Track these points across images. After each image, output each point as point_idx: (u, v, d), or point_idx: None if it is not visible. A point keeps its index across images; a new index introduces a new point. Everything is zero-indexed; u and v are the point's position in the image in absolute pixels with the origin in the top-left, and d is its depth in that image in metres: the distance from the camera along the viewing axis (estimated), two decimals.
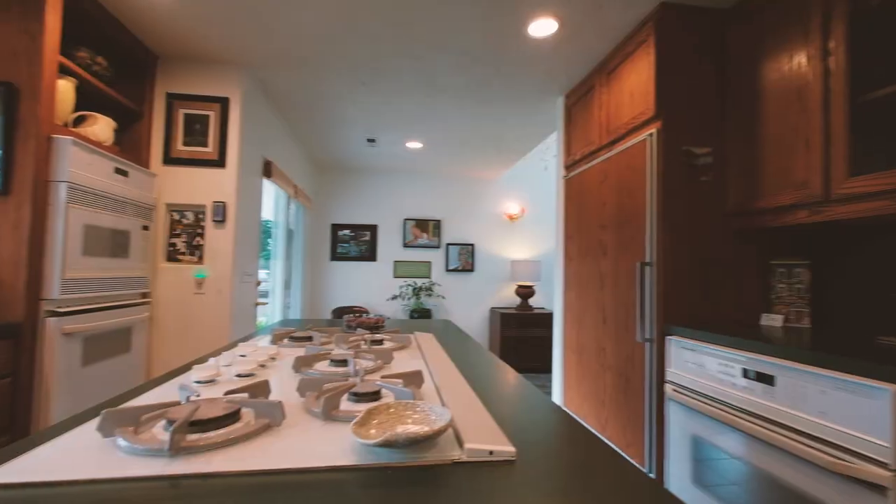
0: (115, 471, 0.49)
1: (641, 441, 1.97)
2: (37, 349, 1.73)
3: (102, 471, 0.49)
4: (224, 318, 2.55)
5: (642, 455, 1.96)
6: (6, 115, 1.68)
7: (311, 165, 4.99)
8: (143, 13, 2.13)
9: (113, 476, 0.48)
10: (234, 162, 2.59)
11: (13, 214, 1.69)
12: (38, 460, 0.51)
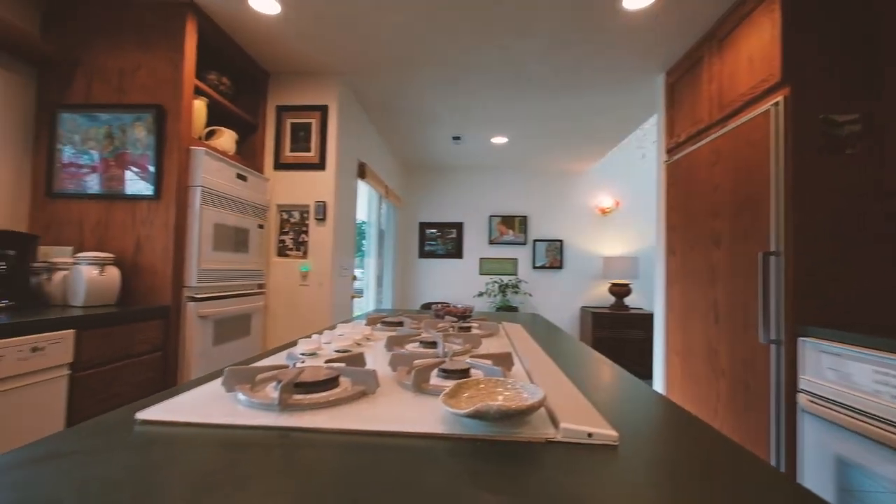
0: (235, 419, 0.55)
1: (766, 458, 1.71)
2: (181, 329, 2.04)
3: (226, 418, 0.55)
4: (325, 308, 2.78)
5: None
6: (158, 132, 2.02)
7: (400, 166, 5.22)
8: (258, 37, 2.40)
9: (234, 423, 0.54)
10: (333, 164, 2.81)
11: (163, 215, 2.02)
12: (178, 405, 0.59)
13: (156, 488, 0.39)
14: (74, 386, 1.53)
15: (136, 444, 0.48)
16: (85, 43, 2.07)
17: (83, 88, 2.06)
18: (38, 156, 2.06)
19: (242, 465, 0.44)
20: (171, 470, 0.42)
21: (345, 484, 0.40)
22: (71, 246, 2.03)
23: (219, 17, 2.22)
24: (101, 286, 1.85)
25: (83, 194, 2.04)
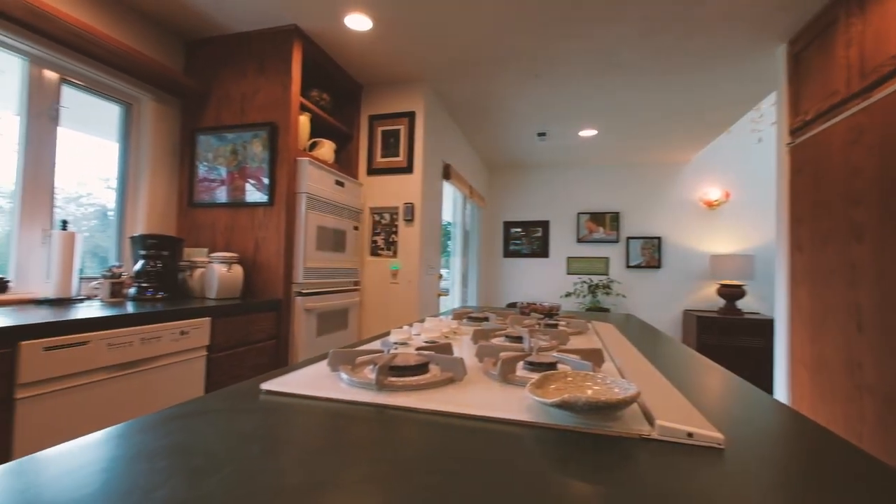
0: (339, 394, 0.61)
1: None
2: (290, 320, 2.29)
3: (330, 392, 0.62)
4: (413, 305, 2.90)
5: None
6: (271, 147, 2.29)
7: (483, 166, 5.25)
8: (352, 53, 2.60)
9: (338, 397, 0.60)
10: (420, 167, 2.93)
11: (276, 219, 2.28)
12: (292, 380, 0.67)
13: (278, 442, 0.45)
14: (210, 364, 1.80)
15: (261, 408, 0.56)
16: (215, 74, 2.43)
17: (214, 113, 2.42)
18: (182, 172, 2.47)
19: (345, 431, 0.49)
20: (289, 429, 0.49)
21: (436, 456, 0.43)
22: (206, 247, 2.39)
23: (319, 38, 2.45)
24: (229, 281, 2.15)
25: (214, 203, 2.39)
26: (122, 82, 2.17)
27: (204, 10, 2.20)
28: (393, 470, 0.40)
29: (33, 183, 1.86)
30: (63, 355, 1.26)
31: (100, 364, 1.37)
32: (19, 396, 1.17)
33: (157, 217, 2.36)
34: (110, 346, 1.39)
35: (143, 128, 2.32)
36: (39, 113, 1.89)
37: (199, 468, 0.39)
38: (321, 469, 0.40)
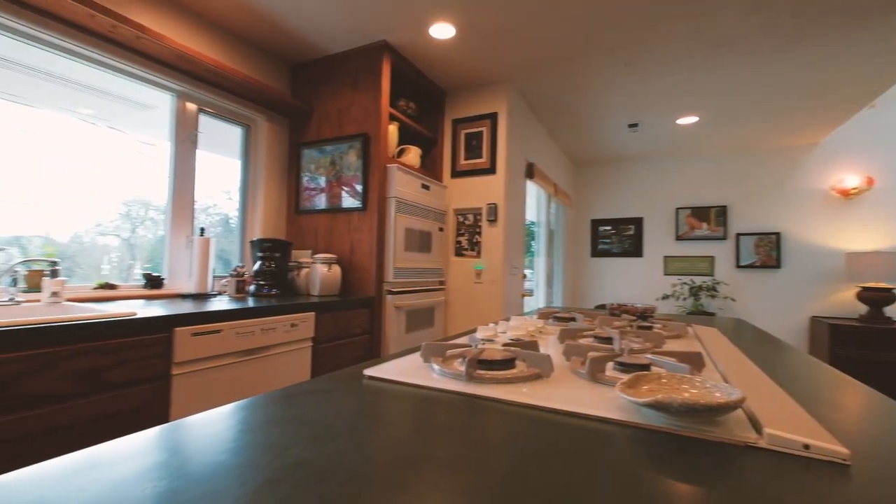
0: (431, 383, 0.66)
1: None
2: (382, 317, 2.45)
3: (424, 381, 0.67)
4: (497, 305, 2.92)
5: None
6: (364, 156, 2.47)
7: (569, 163, 5.07)
8: (436, 60, 2.70)
9: (431, 385, 0.65)
10: (503, 167, 2.94)
11: (368, 223, 2.46)
12: (390, 368, 0.74)
13: (381, 419, 0.51)
14: (315, 354, 2.01)
15: (365, 390, 0.63)
16: (316, 93, 2.70)
17: (316, 128, 2.68)
18: (289, 183, 2.78)
19: (438, 416, 0.53)
20: (389, 410, 0.55)
21: (525, 444, 0.45)
22: (310, 249, 2.66)
23: (405, 50, 2.59)
24: (329, 280, 2.37)
25: (316, 210, 2.65)
26: (243, 107, 2.51)
27: (306, 37, 2.45)
28: (484, 453, 0.43)
29: (180, 198, 2.24)
30: (204, 340, 1.51)
31: (230, 349, 1.60)
32: (175, 373, 1.42)
33: (270, 223, 2.69)
34: (238, 335, 1.63)
35: (259, 145, 2.65)
36: (183, 139, 2.26)
37: (320, 435, 0.46)
38: (419, 445, 0.44)
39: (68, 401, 1.17)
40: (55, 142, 1.84)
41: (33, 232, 1.81)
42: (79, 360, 1.19)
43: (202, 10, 2.22)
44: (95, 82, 1.96)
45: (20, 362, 1.08)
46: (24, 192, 1.76)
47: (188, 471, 0.38)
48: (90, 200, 1.98)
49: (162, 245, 2.24)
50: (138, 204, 2.19)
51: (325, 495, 0.34)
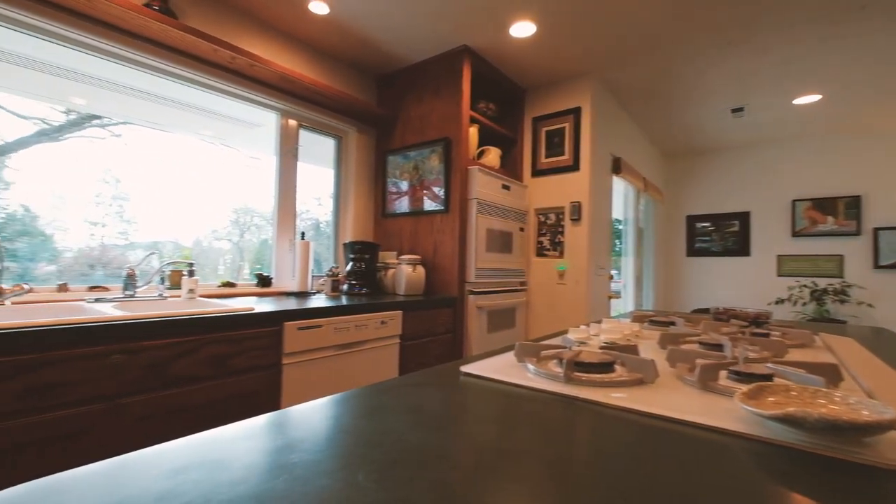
0: (528, 382, 0.66)
1: None
2: (464, 316, 2.50)
3: (520, 380, 0.67)
4: (581, 306, 2.81)
5: None
6: (446, 160, 2.54)
7: (659, 156, 4.71)
8: (515, 59, 2.68)
9: (527, 385, 0.65)
10: (587, 164, 2.82)
11: (450, 224, 2.52)
12: (485, 366, 0.76)
13: (483, 414, 0.53)
14: (402, 351, 2.11)
15: (464, 386, 0.66)
16: (400, 102, 2.83)
17: (400, 135, 2.82)
18: (377, 188, 2.94)
19: (537, 414, 0.53)
20: (489, 405, 0.56)
21: (631, 449, 0.44)
22: (395, 251, 2.79)
23: (485, 52, 2.61)
24: (414, 280, 2.47)
25: (400, 213, 2.77)
26: (336, 120, 2.72)
27: (390, 49, 2.59)
28: (588, 454, 0.43)
29: (284, 206, 2.50)
30: (308, 334, 1.66)
31: (329, 343, 1.75)
32: (285, 363, 1.59)
33: (360, 226, 2.88)
34: (336, 330, 1.77)
35: (350, 154, 2.85)
36: (286, 152, 2.52)
37: (432, 424, 0.49)
38: (523, 441, 0.45)
39: (205, 381, 1.37)
40: (182, 160, 2.16)
41: (166, 238, 2.14)
42: (212, 347, 1.38)
43: (298, 34, 2.45)
44: (215, 107, 2.26)
45: (171, 348, 1.29)
46: (159, 204, 2.09)
47: (324, 446, 0.43)
48: (208, 209, 2.29)
49: (264, 247, 2.51)
50: (245, 212, 2.48)
51: (446, 478, 0.37)
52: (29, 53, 1.67)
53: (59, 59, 1.74)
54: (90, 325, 1.13)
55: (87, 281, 1.81)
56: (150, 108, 2.03)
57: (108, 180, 1.98)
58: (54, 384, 1.08)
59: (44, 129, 1.81)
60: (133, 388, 1.21)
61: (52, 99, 1.78)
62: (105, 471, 0.37)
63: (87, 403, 1.13)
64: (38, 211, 1.74)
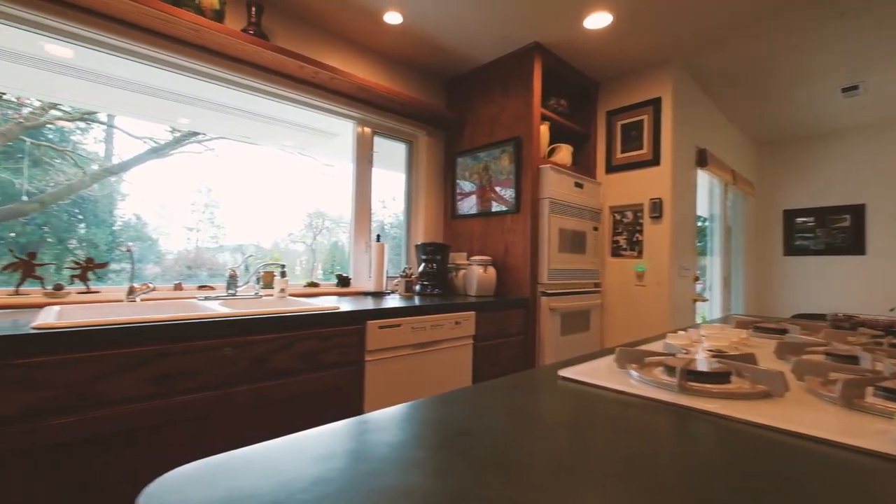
0: (633, 389, 0.63)
1: None
2: (536, 318, 2.45)
3: (625, 387, 0.64)
4: (663, 310, 2.63)
5: None
6: (516, 159, 2.51)
7: (750, 145, 4.29)
8: (588, 52, 2.58)
9: (633, 392, 0.62)
10: (668, 157, 2.64)
11: (521, 224, 2.48)
12: (583, 371, 0.73)
13: (591, 421, 0.51)
14: (476, 352, 2.11)
15: (562, 390, 0.64)
16: (469, 104, 2.84)
17: (469, 137, 2.83)
18: (445, 191, 2.98)
19: (649, 423, 0.51)
20: (592, 411, 0.54)
21: (761, 465, 0.40)
22: (465, 251, 2.81)
23: (556, 48, 2.54)
24: (485, 281, 2.47)
25: (470, 214, 2.79)
26: (408, 125, 2.80)
27: (459, 52, 2.61)
28: (720, 469, 0.39)
29: (360, 210, 2.62)
30: (388, 333, 1.73)
31: (407, 342, 1.80)
32: (367, 360, 1.67)
33: (430, 228, 2.93)
34: (413, 329, 1.82)
35: (420, 158, 2.92)
36: (362, 159, 2.64)
37: (545, 430, 0.49)
38: (642, 449, 0.43)
39: (300, 375, 1.47)
40: (264, 169, 2.34)
41: (249, 241, 2.33)
42: (305, 343, 1.49)
43: (372, 45, 2.56)
44: (297, 119, 2.42)
45: (271, 343, 1.40)
46: (244, 210, 2.28)
47: (446, 445, 0.44)
48: (285, 214, 2.46)
49: (335, 249, 2.64)
50: (318, 215, 2.63)
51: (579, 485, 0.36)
52: (145, 81, 1.91)
53: (169, 85, 1.97)
54: (208, 321, 1.27)
55: (188, 280, 2.03)
56: (242, 123, 2.22)
57: (202, 190, 2.20)
58: (181, 372, 1.22)
59: (153, 147, 2.06)
60: (240, 378, 1.34)
61: (163, 120, 2.01)
62: (261, 454, 0.41)
63: (205, 390, 1.27)
64: (147, 218, 1.98)
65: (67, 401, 1.05)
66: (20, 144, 1.68)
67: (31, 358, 1.01)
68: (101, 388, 1.10)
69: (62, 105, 1.79)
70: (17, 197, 1.65)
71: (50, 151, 1.76)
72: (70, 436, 1.05)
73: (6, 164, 1.65)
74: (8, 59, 1.59)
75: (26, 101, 1.71)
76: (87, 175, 1.84)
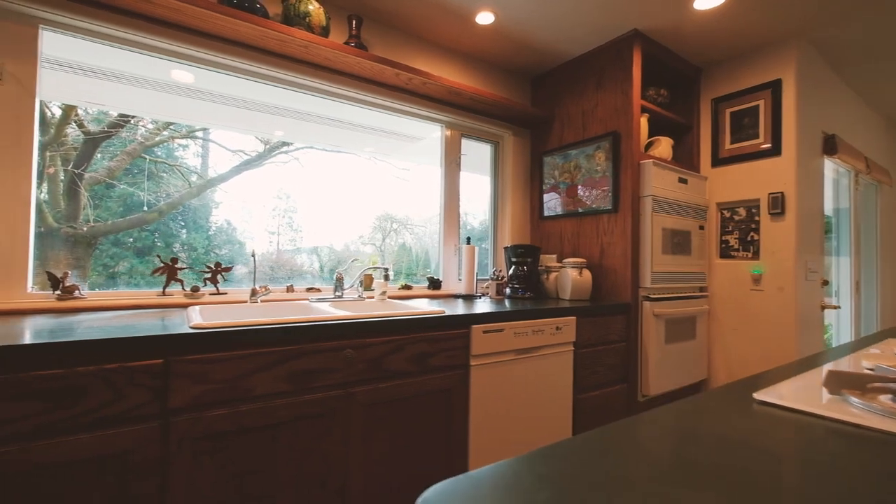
0: (864, 421, 0.53)
1: None
2: (639, 324, 2.29)
3: (851, 417, 0.55)
4: (787, 318, 2.33)
5: None
6: (614, 155, 2.37)
7: (884, 127, 3.69)
8: (692, 36, 2.36)
9: (866, 425, 0.53)
10: (791, 146, 2.34)
11: (621, 224, 2.34)
12: (782, 394, 0.64)
13: (810, 455, 0.43)
14: (576, 358, 2.02)
15: (764, 418, 0.56)
16: (557, 100, 2.74)
17: (558, 134, 2.73)
18: (532, 191, 2.91)
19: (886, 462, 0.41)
20: (814, 447, 0.46)
21: None
22: (554, 254, 2.71)
23: (657, 34, 2.36)
24: (580, 285, 2.36)
25: (560, 215, 2.68)
26: (494, 126, 2.77)
27: (547, 47, 2.52)
28: None
29: (449, 213, 2.63)
30: (492, 338, 1.70)
31: (510, 347, 1.76)
32: (472, 364, 1.65)
33: (516, 230, 2.87)
34: (515, 335, 1.78)
35: (506, 159, 2.88)
36: (450, 162, 2.65)
37: (761, 462, 0.42)
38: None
39: (411, 377, 1.49)
40: (342, 174, 2.37)
41: (322, 243, 2.36)
42: (416, 346, 1.50)
43: (460, 47, 2.56)
44: (381, 125, 2.44)
45: (386, 345, 1.44)
46: (319, 214, 2.32)
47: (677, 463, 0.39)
48: (357, 217, 2.46)
49: (402, 251, 2.62)
50: (386, 218, 2.59)
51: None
52: (248, 97, 2.03)
53: (267, 99, 2.07)
54: (334, 324, 1.33)
55: (272, 282, 2.11)
56: (331, 132, 2.28)
57: (281, 196, 2.30)
58: (310, 370, 1.29)
59: (247, 158, 2.20)
60: (360, 378, 1.38)
61: (260, 132, 2.13)
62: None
63: (329, 390, 1.33)
64: (235, 224, 2.11)
65: (223, 394, 1.15)
66: (139, 162, 1.89)
67: (197, 354, 1.12)
68: (247, 384, 1.18)
69: (173, 124, 1.98)
70: (139, 208, 1.86)
71: (162, 166, 1.96)
72: (223, 426, 1.15)
73: (127, 180, 1.87)
74: (139, 86, 1.78)
75: (149, 123, 1.91)
76: (193, 187, 2.02)
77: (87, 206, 1.76)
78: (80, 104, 1.73)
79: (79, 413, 0.98)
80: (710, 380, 2.65)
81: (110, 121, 1.82)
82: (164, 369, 1.08)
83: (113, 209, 1.83)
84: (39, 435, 0.94)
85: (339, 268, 2.06)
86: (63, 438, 0.96)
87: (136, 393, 1.04)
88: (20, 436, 0.93)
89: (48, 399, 0.95)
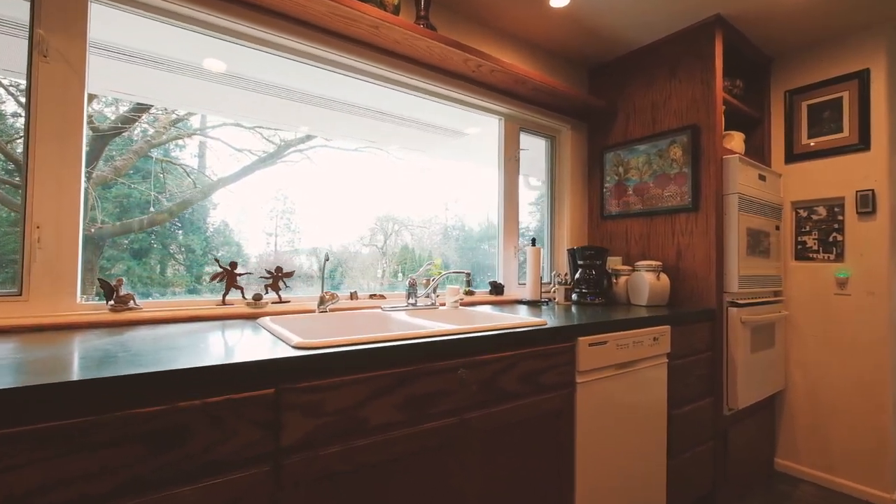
0: None
1: None
2: (724, 332, 2.11)
3: None
4: (878, 325, 2.17)
5: None
6: (693, 150, 2.19)
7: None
8: (770, 20, 2.19)
9: None
10: (883, 140, 2.19)
11: (703, 224, 2.16)
12: None
13: None
14: (670, 370, 1.84)
15: None
16: (620, 92, 2.57)
17: (622, 128, 2.55)
18: (592, 188, 2.73)
19: None
20: None
21: None
22: (619, 256, 2.54)
23: (738, 19, 2.19)
24: (658, 289, 2.18)
25: (627, 214, 2.50)
26: (553, 119, 2.59)
27: (612, 34, 2.34)
28: None
29: (509, 213, 2.44)
30: (597, 351, 1.52)
31: (613, 361, 1.58)
32: (578, 381, 1.47)
33: (575, 230, 2.69)
34: (617, 347, 1.59)
35: (564, 154, 2.70)
36: (509, 158, 2.46)
37: None
38: None
39: (520, 398, 1.30)
40: (356, 173, 2.12)
41: (321, 244, 2.10)
42: (527, 363, 1.32)
43: (523, 34, 2.37)
44: (428, 119, 2.23)
45: (497, 363, 1.25)
46: (318, 215, 2.06)
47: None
48: (358, 217, 2.15)
49: (405, 253, 2.35)
50: (387, 219, 2.33)
51: None
52: (283, 83, 1.81)
53: (305, 86, 1.84)
54: (445, 340, 1.13)
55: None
56: (363, 123, 2.03)
57: (281, 196, 2.06)
58: (425, 395, 1.09)
59: (260, 157, 1.97)
60: (472, 402, 1.19)
61: (288, 125, 1.92)
62: None
63: (443, 417, 1.14)
64: (233, 225, 1.89)
65: (336, 427, 0.95)
66: (145, 161, 1.70)
67: (311, 381, 0.92)
68: (361, 414, 0.99)
69: (180, 122, 1.78)
70: (139, 208, 1.67)
71: (168, 165, 1.77)
72: (338, 466, 0.95)
73: (129, 180, 1.68)
74: (169, 70, 1.58)
75: (160, 117, 1.71)
76: (203, 186, 1.82)
77: (96, 206, 1.57)
78: (108, 93, 1.53)
79: (181, 458, 0.78)
80: (787, 389, 2.49)
81: (122, 116, 1.63)
82: (275, 400, 0.88)
83: (110, 210, 1.64)
84: (137, 489, 0.75)
85: (412, 273, 1.86)
86: (166, 492, 0.76)
87: (245, 431, 0.85)
88: (124, 489, 0.73)
89: (148, 443, 0.75)
